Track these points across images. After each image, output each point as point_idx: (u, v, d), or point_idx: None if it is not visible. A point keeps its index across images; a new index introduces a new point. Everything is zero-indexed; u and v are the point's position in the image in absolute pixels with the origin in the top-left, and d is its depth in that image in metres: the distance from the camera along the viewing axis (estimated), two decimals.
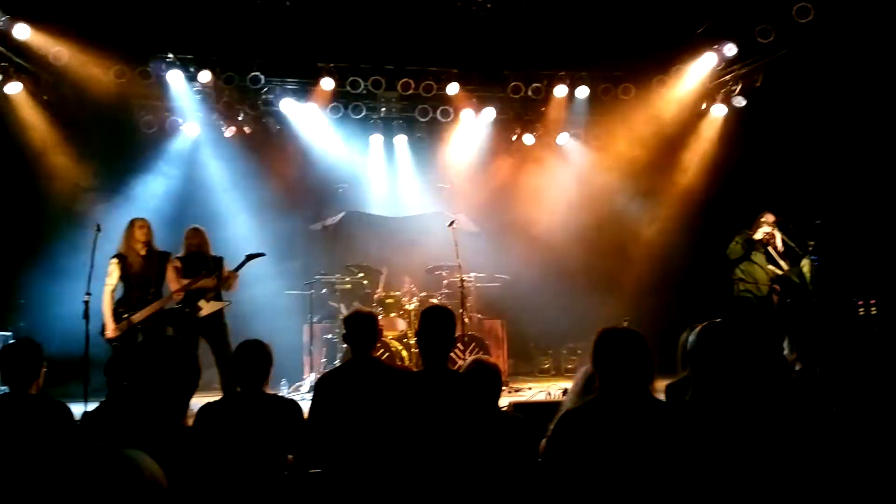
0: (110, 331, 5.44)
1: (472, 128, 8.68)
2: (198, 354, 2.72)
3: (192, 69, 7.67)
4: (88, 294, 5.25)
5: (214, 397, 3.42)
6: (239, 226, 7.95)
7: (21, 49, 6.83)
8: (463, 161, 8.89)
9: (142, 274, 5.57)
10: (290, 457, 3.25)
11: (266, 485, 3.04)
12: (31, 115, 7.19)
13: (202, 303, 5.86)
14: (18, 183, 7.01)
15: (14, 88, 6.94)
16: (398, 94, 8.29)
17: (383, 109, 8.58)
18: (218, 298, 6.08)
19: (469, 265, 7.29)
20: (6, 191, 6.95)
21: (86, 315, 5.19)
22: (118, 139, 7.80)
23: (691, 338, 2.49)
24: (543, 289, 8.41)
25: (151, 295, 5.60)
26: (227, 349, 5.63)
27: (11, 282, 6.82)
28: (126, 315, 5.50)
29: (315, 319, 7.21)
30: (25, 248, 7.05)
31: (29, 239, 7.10)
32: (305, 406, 3.51)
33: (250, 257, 6.02)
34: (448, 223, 6.75)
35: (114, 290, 5.55)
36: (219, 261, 6.27)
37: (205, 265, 6.05)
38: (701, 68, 7.90)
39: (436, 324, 3.09)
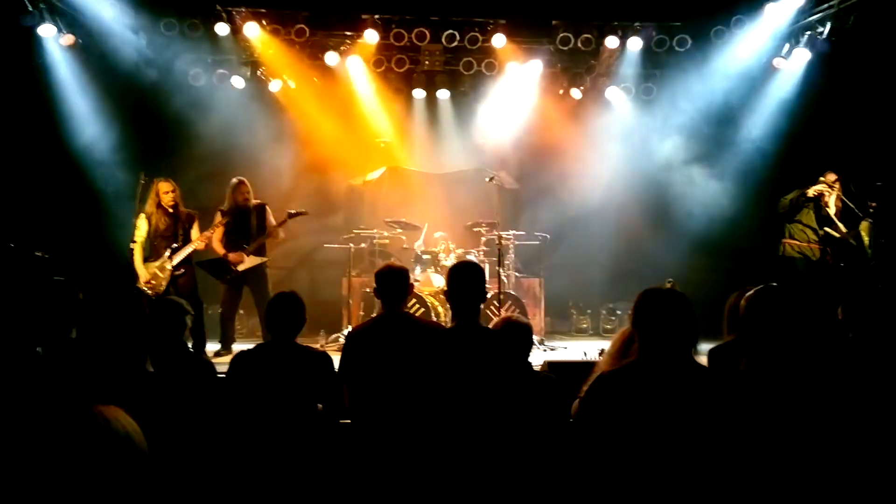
0: (143, 278, 5.74)
1: (517, 81, 8.45)
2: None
3: (238, 22, 7.68)
4: (134, 241, 5.44)
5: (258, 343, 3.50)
6: (282, 179, 8.03)
7: (72, 3, 6.95)
8: (507, 116, 8.69)
9: (169, 229, 5.86)
10: (319, 406, 3.32)
11: (294, 432, 3.11)
12: (83, 67, 7.36)
13: (243, 256, 6.02)
14: (70, 133, 7.21)
15: (66, 41, 7.10)
16: (442, 47, 8.12)
17: (427, 63, 8.43)
18: (259, 253, 6.21)
19: (508, 222, 7.21)
20: (60, 142, 7.17)
21: (131, 260, 5.38)
22: (167, 92, 7.90)
23: (743, 302, 2.34)
24: (584, 248, 8.26)
25: (180, 245, 5.89)
26: (267, 299, 5.80)
27: (64, 228, 7.07)
28: (158, 263, 5.79)
29: (354, 273, 7.30)
30: (75, 197, 7.31)
31: (78, 188, 7.35)
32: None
33: (291, 215, 6.13)
34: (487, 178, 6.65)
35: (143, 245, 5.87)
36: (262, 209, 6.37)
37: (247, 218, 6.18)
38: (763, 19, 7.43)
39: (465, 279, 3.04)
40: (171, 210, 5.89)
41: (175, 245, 5.84)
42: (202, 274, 6.15)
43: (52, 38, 7.01)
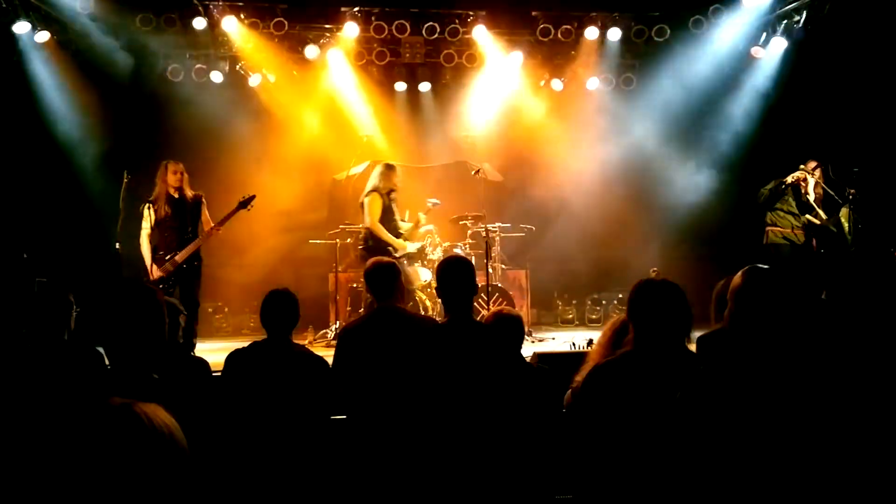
0: (154, 273, 5.49)
1: (498, 73, 8.46)
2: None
3: (216, 16, 7.58)
4: (118, 241, 5.35)
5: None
6: (264, 175, 7.95)
7: None
8: (488, 108, 8.70)
9: (176, 217, 5.57)
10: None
11: (290, 431, 3.10)
12: (61, 64, 7.22)
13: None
14: (50, 131, 7.09)
15: (42, 38, 6.96)
16: (423, 39, 8.10)
17: (408, 55, 8.40)
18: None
19: (493, 215, 7.23)
20: (39, 139, 7.04)
21: (117, 260, 5.28)
22: (145, 88, 7.79)
23: (736, 281, 2.30)
24: (568, 238, 8.32)
25: (189, 235, 5.63)
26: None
27: (46, 229, 6.97)
28: (168, 257, 5.55)
29: (340, 269, 7.27)
30: (59, 196, 7.20)
31: (62, 186, 7.24)
32: (331, 352, 3.57)
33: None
34: (473, 171, 6.66)
35: (150, 235, 5.55)
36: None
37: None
38: (741, 9, 7.52)
39: (455, 273, 3.04)
40: (176, 195, 5.58)
41: (186, 237, 5.56)
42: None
43: (28, 36, 6.86)
